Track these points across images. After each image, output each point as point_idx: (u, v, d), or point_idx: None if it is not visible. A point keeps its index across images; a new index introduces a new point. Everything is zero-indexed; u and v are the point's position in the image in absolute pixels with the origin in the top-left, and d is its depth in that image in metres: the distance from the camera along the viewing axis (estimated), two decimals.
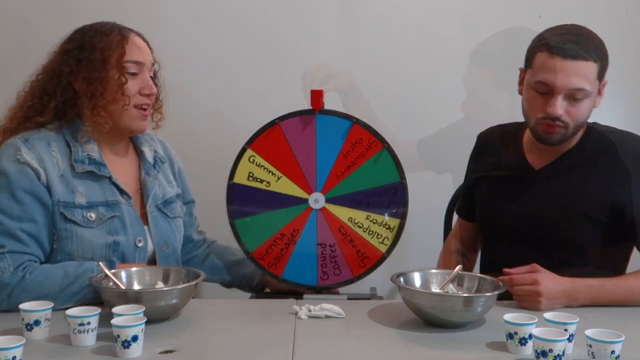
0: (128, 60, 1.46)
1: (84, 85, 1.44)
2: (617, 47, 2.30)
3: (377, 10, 2.30)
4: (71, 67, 1.45)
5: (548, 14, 2.29)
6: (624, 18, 2.31)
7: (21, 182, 1.37)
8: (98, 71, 1.44)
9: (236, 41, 2.28)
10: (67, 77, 1.45)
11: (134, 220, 1.49)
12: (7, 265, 1.33)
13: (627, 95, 2.34)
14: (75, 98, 1.47)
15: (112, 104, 1.45)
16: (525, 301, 1.39)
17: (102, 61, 1.44)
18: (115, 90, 1.44)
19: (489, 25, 1.62)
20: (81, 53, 1.45)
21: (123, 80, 1.45)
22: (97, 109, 1.44)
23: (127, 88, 1.45)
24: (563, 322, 1.15)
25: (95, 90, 1.43)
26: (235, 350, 1.16)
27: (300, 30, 2.29)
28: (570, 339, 1.14)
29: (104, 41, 1.45)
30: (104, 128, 1.46)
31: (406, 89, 2.31)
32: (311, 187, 1.56)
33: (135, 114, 1.49)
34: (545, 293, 1.37)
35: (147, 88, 1.49)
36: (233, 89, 2.29)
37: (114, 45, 1.45)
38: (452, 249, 1.80)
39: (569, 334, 1.13)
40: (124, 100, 1.46)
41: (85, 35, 1.47)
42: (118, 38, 1.46)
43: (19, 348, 1.02)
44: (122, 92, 1.45)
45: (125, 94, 1.45)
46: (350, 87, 2.13)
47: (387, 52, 2.30)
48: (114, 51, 1.45)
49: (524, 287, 1.39)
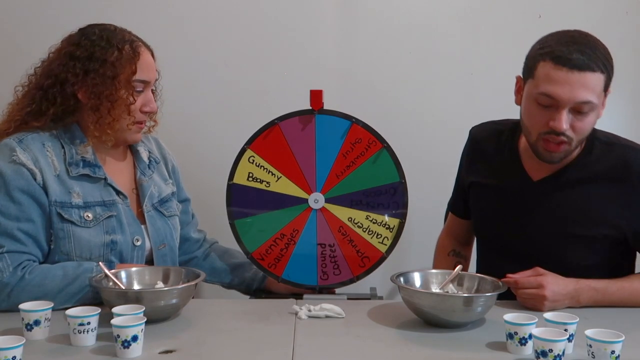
0: (137, 79, 1.45)
1: (91, 100, 1.42)
2: (617, 47, 2.31)
3: (377, 10, 2.30)
4: (77, 77, 1.42)
5: (548, 14, 2.30)
6: (624, 18, 2.31)
7: (17, 182, 1.37)
8: (108, 88, 1.42)
9: (236, 41, 2.28)
10: (71, 87, 1.43)
11: (131, 220, 1.49)
12: (6, 265, 1.33)
13: (627, 95, 2.34)
14: (76, 106, 1.45)
15: (118, 122, 1.45)
16: (528, 303, 1.39)
17: (113, 78, 1.42)
18: (122, 110, 1.44)
19: (489, 25, 1.62)
20: (90, 64, 1.42)
21: (131, 101, 1.44)
22: (103, 126, 1.43)
23: (134, 107, 1.45)
24: (563, 322, 1.15)
25: (102, 107, 1.42)
26: (235, 350, 1.16)
27: (300, 30, 2.29)
28: (570, 338, 1.14)
29: (116, 56, 1.42)
30: (107, 145, 1.47)
31: (406, 89, 2.31)
32: (311, 187, 1.56)
33: (135, 129, 1.49)
34: (551, 297, 1.36)
35: (149, 106, 1.49)
36: (233, 89, 2.29)
37: (126, 62, 1.43)
38: (447, 250, 1.78)
39: (568, 334, 1.13)
40: (129, 120, 1.46)
41: (95, 45, 1.44)
42: (130, 55, 1.44)
43: (19, 348, 1.02)
44: (128, 112, 1.44)
45: (131, 114, 1.45)
46: None
47: (387, 52, 2.30)
48: (125, 69, 1.43)
49: (529, 291, 1.37)
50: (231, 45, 2.28)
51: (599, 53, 1.34)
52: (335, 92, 2.12)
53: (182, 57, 2.25)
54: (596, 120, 1.41)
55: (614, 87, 1.40)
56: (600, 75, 1.33)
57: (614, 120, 1.58)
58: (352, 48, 2.30)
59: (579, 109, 1.34)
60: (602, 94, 1.37)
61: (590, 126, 1.40)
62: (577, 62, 1.31)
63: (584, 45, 1.34)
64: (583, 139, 1.42)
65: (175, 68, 2.03)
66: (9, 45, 2.22)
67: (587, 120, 1.36)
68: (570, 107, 1.34)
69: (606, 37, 1.45)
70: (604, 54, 1.36)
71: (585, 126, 1.38)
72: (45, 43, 1.51)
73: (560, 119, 1.34)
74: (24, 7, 2.24)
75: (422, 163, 2.19)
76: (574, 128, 1.37)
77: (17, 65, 1.52)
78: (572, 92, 1.32)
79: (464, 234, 1.78)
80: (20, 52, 1.62)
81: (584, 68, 1.31)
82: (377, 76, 2.30)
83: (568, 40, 1.35)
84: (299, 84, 2.01)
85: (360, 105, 2.10)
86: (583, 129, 1.38)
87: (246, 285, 1.71)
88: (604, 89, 1.36)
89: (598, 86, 1.33)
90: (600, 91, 1.35)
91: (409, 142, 2.07)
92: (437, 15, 2.30)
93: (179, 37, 2.25)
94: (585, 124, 1.37)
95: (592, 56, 1.32)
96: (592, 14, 2.31)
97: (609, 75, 1.36)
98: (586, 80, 1.32)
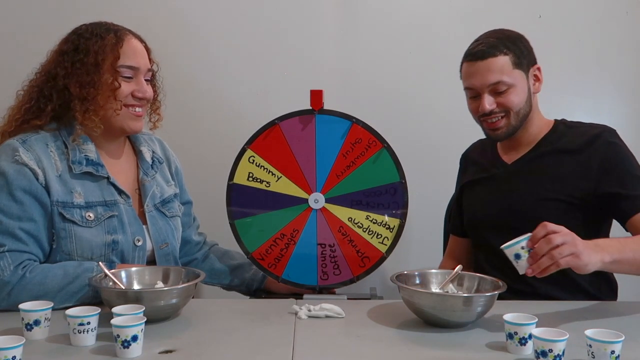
0: (122, 64, 1.45)
1: (77, 89, 1.43)
2: (617, 47, 2.32)
3: (377, 10, 2.30)
4: (66, 70, 1.44)
5: (548, 14, 2.30)
6: (624, 18, 2.31)
7: (19, 182, 1.37)
8: (91, 75, 1.43)
9: (236, 41, 2.28)
10: (62, 80, 1.44)
11: (132, 220, 1.50)
12: (7, 263, 1.33)
13: (627, 95, 2.34)
14: (70, 100, 1.46)
15: (104, 108, 1.45)
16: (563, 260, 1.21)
17: (95, 65, 1.43)
18: (107, 95, 1.44)
19: (489, 25, 1.62)
20: (76, 55, 1.45)
21: (116, 85, 1.44)
22: (88, 112, 1.43)
23: (120, 92, 1.45)
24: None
25: (87, 94, 1.43)
26: (235, 350, 1.16)
27: (301, 31, 2.29)
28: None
29: (99, 44, 1.44)
30: (95, 132, 1.47)
31: (406, 89, 2.31)
32: (311, 187, 1.56)
33: (127, 114, 1.48)
34: (580, 244, 1.23)
35: (141, 91, 1.48)
36: (233, 89, 2.29)
37: (108, 49, 1.44)
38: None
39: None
40: (116, 105, 1.45)
41: (80, 37, 1.46)
42: (113, 42, 1.45)
43: (19, 348, 1.02)
44: (114, 97, 1.44)
45: (117, 99, 1.45)
46: None
47: (388, 52, 2.30)
48: (107, 55, 1.44)
49: (562, 250, 1.21)
50: (231, 45, 2.28)
51: (500, 40, 1.54)
52: (335, 92, 2.12)
53: (182, 57, 2.25)
54: (524, 95, 1.56)
55: (614, 86, 1.41)
56: (503, 56, 1.53)
57: (614, 120, 1.59)
58: (352, 48, 2.30)
59: (495, 89, 1.54)
60: (517, 71, 1.54)
61: (517, 100, 1.55)
62: (478, 54, 1.54)
63: (486, 37, 1.56)
64: (521, 112, 1.57)
65: (175, 68, 2.03)
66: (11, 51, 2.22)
67: (509, 96, 1.54)
68: (489, 90, 1.54)
69: (606, 37, 1.46)
70: (509, 37, 1.56)
71: (510, 101, 1.55)
72: (48, 44, 1.51)
73: (483, 103, 1.55)
74: (25, 8, 2.25)
75: (422, 163, 2.20)
76: (502, 104, 1.55)
77: (19, 71, 1.53)
78: (482, 78, 1.54)
79: (465, 254, 1.81)
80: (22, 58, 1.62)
81: (485, 56, 1.53)
82: (377, 76, 2.30)
83: (477, 39, 1.58)
84: (299, 84, 2.01)
85: (360, 105, 2.11)
86: (509, 103, 1.55)
87: (246, 286, 1.71)
88: (517, 67, 1.54)
89: (505, 66, 1.53)
90: (509, 70, 1.53)
91: (409, 142, 2.08)
92: (437, 15, 2.30)
93: (179, 37, 2.26)
94: (509, 100, 1.54)
95: (493, 43, 1.53)
96: (592, 14, 2.31)
97: (516, 54, 1.54)
98: (489, 65, 1.52)
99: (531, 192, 1.58)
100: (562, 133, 1.61)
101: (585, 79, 2.33)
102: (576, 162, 1.55)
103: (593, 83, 2.33)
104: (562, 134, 1.61)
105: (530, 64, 1.58)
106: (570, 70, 2.31)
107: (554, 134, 1.62)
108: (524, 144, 1.63)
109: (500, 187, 1.65)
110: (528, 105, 1.58)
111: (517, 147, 1.64)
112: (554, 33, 2.29)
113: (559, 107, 2.02)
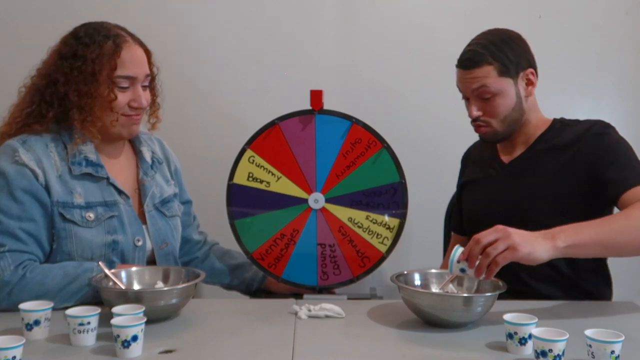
0: (119, 75, 1.43)
1: (75, 97, 1.42)
2: (617, 47, 2.32)
3: (377, 10, 2.30)
4: (66, 76, 1.42)
5: (548, 14, 2.30)
6: (624, 18, 2.31)
7: (20, 182, 1.37)
8: (88, 85, 1.41)
9: (236, 41, 2.28)
10: (63, 87, 1.43)
11: (132, 220, 1.50)
12: (7, 263, 1.33)
13: (627, 95, 2.34)
14: (70, 109, 1.44)
15: (101, 120, 1.44)
16: (500, 257, 1.21)
17: (92, 74, 1.41)
18: (104, 107, 1.43)
19: (489, 25, 1.62)
20: (74, 62, 1.42)
21: (112, 97, 1.42)
22: (86, 123, 1.42)
23: (116, 104, 1.43)
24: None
25: (85, 104, 1.41)
26: (235, 350, 1.16)
27: (301, 30, 2.29)
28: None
29: (96, 53, 1.41)
30: (93, 142, 1.47)
31: (406, 89, 2.31)
32: (311, 187, 1.56)
33: (125, 122, 1.47)
34: (518, 237, 1.22)
35: (137, 101, 1.46)
36: (233, 89, 2.29)
37: (105, 58, 1.41)
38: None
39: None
40: (112, 117, 1.44)
41: (79, 43, 1.44)
42: (111, 50, 1.42)
43: (19, 348, 1.02)
44: (110, 109, 1.43)
45: (114, 111, 1.44)
46: None
47: (388, 52, 2.30)
48: (104, 65, 1.41)
49: (495, 244, 1.22)
50: (231, 45, 2.28)
51: (489, 46, 1.54)
52: (335, 92, 2.12)
53: (182, 57, 2.25)
54: (511, 101, 1.55)
55: (614, 86, 1.41)
56: (487, 66, 1.53)
57: (614, 120, 1.58)
58: (353, 48, 2.30)
59: (481, 96, 1.55)
60: (503, 79, 1.54)
61: (503, 107, 1.55)
62: (464, 63, 1.56)
63: (477, 41, 1.57)
64: (507, 119, 1.57)
65: (175, 67, 2.03)
66: (12, 45, 2.22)
67: (494, 103, 1.55)
68: (474, 96, 1.56)
69: (606, 37, 1.46)
70: (501, 41, 1.55)
71: (496, 108, 1.55)
72: (48, 42, 1.50)
73: (470, 109, 1.59)
74: (25, 8, 2.25)
75: (422, 163, 2.20)
76: (487, 111, 1.56)
77: (18, 65, 1.51)
78: (467, 86, 1.56)
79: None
80: (22, 52, 1.62)
81: (470, 66, 1.54)
82: (378, 76, 2.30)
83: (469, 42, 1.59)
84: (299, 84, 2.01)
85: (360, 105, 2.10)
86: (494, 110, 1.56)
87: (246, 286, 1.71)
88: (503, 74, 1.54)
89: (489, 75, 1.53)
90: (495, 78, 1.53)
91: (409, 142, 2.08)
92: (437, 15, 2.30)
93: (179, 37, 2.26)
94: (494, 107, 1.55)
95: (478, 53, 1.54)
96: (592, 14, 2.31)
97: (503, 62, 1.53)
98: (474, 74, 1.54)
99: (527, 191, 1.58)
100: (557, 131, 1.61)
101: (585, 79, 2.33)
102: (568, 158, 1.55)
103: (593, 83, 2.33)
104: (557, 132, 1.61)
105: (520, 69, 1.55)
106: (570, 70, 2.30)
107: (550, 132, 1.62)
108: (521, 144, 1.64)
109: (497, 186, 1.65)
110: (517, 110, 1.57)
111: (515, 146, 1.65)
112: (554, 33, 2.29)
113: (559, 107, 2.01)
